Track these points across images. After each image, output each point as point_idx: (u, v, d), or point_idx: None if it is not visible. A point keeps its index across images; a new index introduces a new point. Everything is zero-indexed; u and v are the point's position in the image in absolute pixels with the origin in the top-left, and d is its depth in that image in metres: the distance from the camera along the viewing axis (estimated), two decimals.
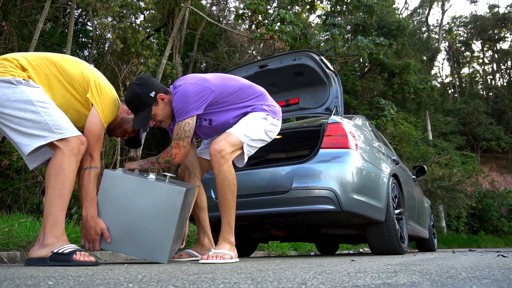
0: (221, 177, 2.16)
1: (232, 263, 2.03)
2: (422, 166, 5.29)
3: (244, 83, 2.41)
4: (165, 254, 2.08)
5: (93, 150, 2.02)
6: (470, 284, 0.97)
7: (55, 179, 1.85)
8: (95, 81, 2.07)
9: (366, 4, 11.27)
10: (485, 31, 30.72)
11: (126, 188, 2.10)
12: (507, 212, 18.79)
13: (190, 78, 2.27)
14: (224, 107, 2.33)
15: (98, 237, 2.05)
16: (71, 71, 2.02)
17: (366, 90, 17.58)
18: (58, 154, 1.87)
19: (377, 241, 3.17)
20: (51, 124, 1.85)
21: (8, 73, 1.86)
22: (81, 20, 11.97)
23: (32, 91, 1.88)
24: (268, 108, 2.42)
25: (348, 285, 0.98)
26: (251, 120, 2.33)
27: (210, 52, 12.07)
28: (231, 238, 2.23)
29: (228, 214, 2.22)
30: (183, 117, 2.18)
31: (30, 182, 6.26)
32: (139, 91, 2.17)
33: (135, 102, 2.18)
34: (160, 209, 2.08)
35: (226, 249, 2.16)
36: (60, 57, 2.07)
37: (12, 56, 1.94)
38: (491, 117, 24.72)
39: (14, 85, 1.85)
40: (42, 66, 1.97)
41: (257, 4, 8.77)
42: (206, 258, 2.07)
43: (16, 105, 1.83)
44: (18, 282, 1.00)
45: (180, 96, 2.18)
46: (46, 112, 1.86)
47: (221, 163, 2.15)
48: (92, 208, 2.03)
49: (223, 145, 2.16)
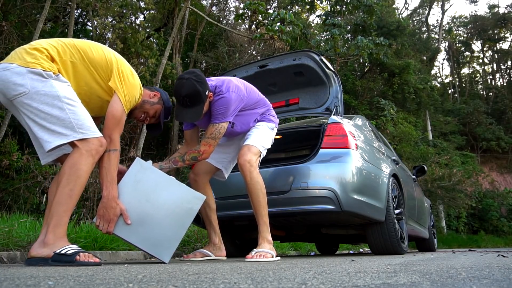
0: (253, 183, 2.42)
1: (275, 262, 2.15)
2: (422, 166, 5.28)
3: (261, 96, 2.71)
4: (169, 253, 2.10)
5: (113, 133, 2.01)
6: (470, 284, 0.97)
7: (67, 178, 1.84)
8: (118, 68, 2.05)
9: (366, 4, 11.26)
10: (485, 31, 30.71)
11: (152, 179, 2.16)
12: (507, 212, 18.78)
13: (232, 86, 2.43)
14: (243, 114, 2.59)
15: (116, 218, 2.04)
16: (94, 57, 2.01)
17: (366, 90, 17.58)
18: (75, 153, 1.86)
19: (377, 241, 3.17)
20: (75, 123, 1.85)
21: (39, 64, 1.84)
22: (81, 20, 11.97)
23: (61, 86, 1.86)
24: (274, 119, 2.76)
25: (348, 285, 0.98)
26: (264, 132, 2.64)
27: (210, 52, 12.06)
28: (269, 237, 2.45)
29: (263, 214, 2.45)
30: (220, 120, 2.41)
31: (30, 182, 6.25)
32: (199, 88, 2.27)
33: (194, 98, 2.28)
34: (177, 209, 2.14)
35: (267, 248, 2.35)
36: (84, 43, 2.05)
37: (42, 46, 1.91)
38: (491, 117, 24.71)
39: (44, 79, 1.83)
40: (68, 53, 1.96)
41: (257, 4, 8.76)
42: (250, 257, 2.24)
43: (44, 99, 1.81)
44: (18, 282, 1.00)
45: (225, 102, 2.38)
46: (72, 110, 1.85)
47: (251, 170, 2.42)
48: (114, 189, 2.02)
49: (250, 156, 2.45)
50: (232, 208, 2.94)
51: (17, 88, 1.80)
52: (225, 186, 2.95)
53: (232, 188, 2.95)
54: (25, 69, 1.81)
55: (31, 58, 1.85)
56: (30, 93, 1.80)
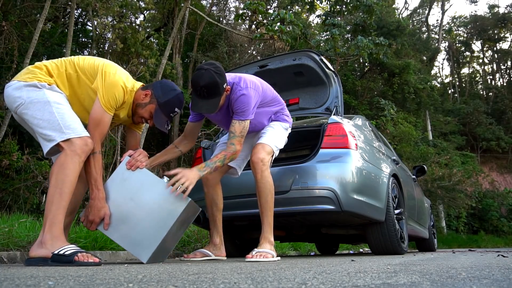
0: (264, 182, 2.41)
1: (275, 262, 2.16)
2: (422, 166, 5.28)
3: (275, 93, 2.68)
4: (148, 253, 2.07)
5: (93, 135, 2.05)
6: (470, 284, 0.97)
7: (56, 178, 1.90)
8: (102, 70, 2.09)
9: (366, 4, 11.26)
10: (485, 31, 30.70)
11: (138, 178, 2.17)
12: (507, 212, 18.78)
13: (249, 82, 2.40)
14: (258, 111, 2.53)
15: (98, 220, 2.09)
16: (84, 65, 2.12)
17: (366, 90, 17.59)
18: (62, 154, 1.94)
19: (377, 241, 3.17)
20: (62, 124, 1.95)
21: (35, 78, 2.02)
22: (81, 20, 11.97)
23: (53, 94, 2.01)
24: (288, 119, 2.74)
25: (348, 285, 0.98)
26: (279, 132, 2.63)
27: (210, 52, 12.07)
28: (271, 238, 2.43)
29: (269, 215, 2.44)
30: (245, 118, 2.39)
31: (30, 182, 6.25)
32: (218, 80, 2.23)
33: (211, 90, 2.23)
34: (159, 209, 2.11)
35: (267, 248, 2.34)
36: (79, 57, 2.17)
37: (43, 63, 2.10)
38: (491, 117, 24.70)
39: (38, 89, 2.00)
40: (64, 66, 2.11)
41: (257, 4, 8.76)
42: (251, 257, 2.24)
43: (37, 107, 1.97)
44: (18, 282, 1.00)
45: (246, 99, 2.36)
46: (60, 112, 1.97)
47: (263, 169, 2.41)
48: (99, 190, 2.08)
49: (263, 154, 2.44)
50: (232, 208, 2.94)
51: (16, 100, 2.00)
52: (225, 186, 2.95)
53: (232, 188, 2.95)
54: (22, 83, 2.01)
55: (30, 74, 2.04)
56: (25, 103, 1.98)
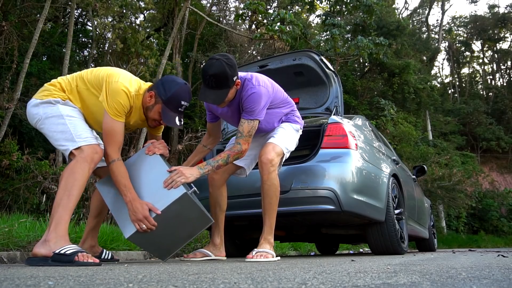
0: (269, 183, 2.39)
1: (275, 262, 2.18)
2: (422, 166, 5.28)
3: (285, 95, 2.65)
4: (132, 229, 2.08)
5: (108, 147, 2.13)
6: (470, 284, 0.97)
7: (65, 181, 1.98)
8: (106, 80, 2.13)
9: (366, 4, 11.26)
10: (485, 31, 30.70)
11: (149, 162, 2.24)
12: (507, 212, 18.77)
13: (261, 80, 2.38)
14: (268, 112, 2.50)
15: (147, 212, 2.07)
16: (92, 78, 2.20)
17: (366, 90, 17.59)
18: (73, 161, 2.04)
19: (377, 241, 3.17)
20: (74, 134, 2.07)
21: (50, 95, 2.16)
22: (81, 20, 11.98)
23: (66, 108, 2.15)
24: (299, 120, 2.71)
25: (348, 285, 0.98)
26: (290, 133, 2.59)
27: (210, 52, 12.07)
28: (272, 239, 2.43)
29: (272, 217, 2.44)
30: (254, 117, 2.35)
31: (30, 182, 6.25)
32: (228, 71, 2.19)
33: (220, 80, 2.20)
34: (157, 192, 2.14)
35: (267, 249, 2.34)
36: (88, 70, 2.26)
37: (57, 80, 2.24)
38: (491, 117, 24.70)
39: (53, 105, 2.14)
40: (74, 81, 2.23)
41: (257, 4, 8.76)
42: (251, 257, 2.24)
43: (52, 121, 2.11)
44: (18, 282, 1.00)
45: (257, 97, 2.32)
46: (72, 123, 2.11)
47: (271, 170, 2.39)
48: (130, 193, 2.10)
49: (273, 155, 2.41)
50: (232, 208, 2.94)
51: (34, 117, 2.18)
52: None
53: (232, 188, 2.95)
54: (38, 101, 2.17)
55: (46, 92, 2.19)
56: (42, 119, 2.14)
